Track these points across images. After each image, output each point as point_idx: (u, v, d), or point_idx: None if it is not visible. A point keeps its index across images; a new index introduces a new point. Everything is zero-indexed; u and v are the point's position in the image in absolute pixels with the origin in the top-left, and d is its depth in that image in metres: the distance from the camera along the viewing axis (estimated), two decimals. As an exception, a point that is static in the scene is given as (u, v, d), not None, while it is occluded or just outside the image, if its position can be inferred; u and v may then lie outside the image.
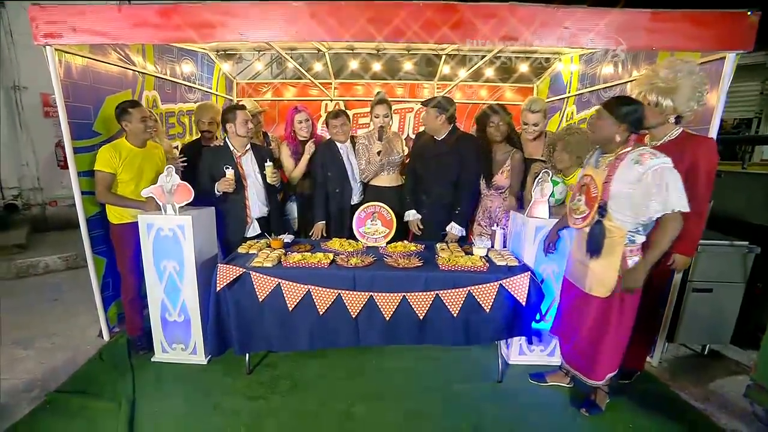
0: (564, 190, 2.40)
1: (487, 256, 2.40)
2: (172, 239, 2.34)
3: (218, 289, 2.15)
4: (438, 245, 2.56)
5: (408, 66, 4.37)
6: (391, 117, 2.97)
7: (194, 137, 3.64)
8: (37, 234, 5.22)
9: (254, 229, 2.78)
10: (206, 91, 4.13)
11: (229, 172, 2.56)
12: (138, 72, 3.07)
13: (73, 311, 3.20)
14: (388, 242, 2.62)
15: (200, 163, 2.71)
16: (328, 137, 2.99)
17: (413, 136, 3.51)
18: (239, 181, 2.67)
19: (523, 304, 2.12)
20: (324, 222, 2.92)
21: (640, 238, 1.80)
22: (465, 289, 2.12)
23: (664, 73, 1.98)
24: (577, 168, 2.43)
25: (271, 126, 4.48)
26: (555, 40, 2.15)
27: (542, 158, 2.61)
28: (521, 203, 2.63)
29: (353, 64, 4.36)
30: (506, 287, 2.13)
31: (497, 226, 2.67)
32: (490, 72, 4.49)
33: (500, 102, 4.05)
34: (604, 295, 1.86)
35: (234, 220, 2.73)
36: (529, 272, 2.15)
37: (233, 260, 2.33)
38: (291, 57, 4.19)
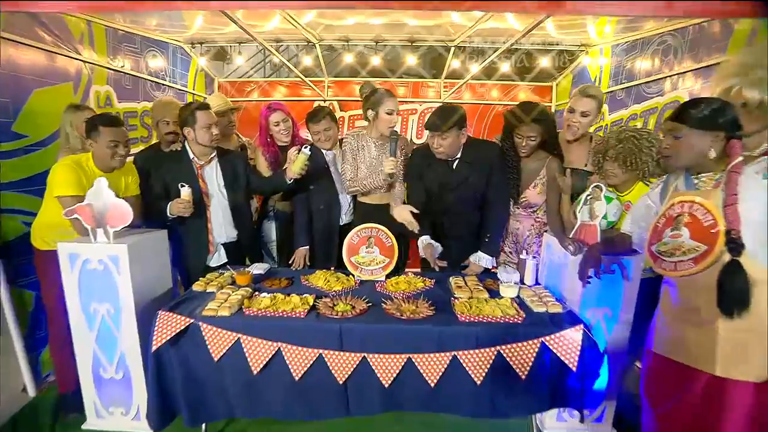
0: (619, 210, 1.83)
1: (518, 297, 1.83)
2: (102, 274, 1.78)
3: (154, 348, 1.58)
4: (452, 280, 1.98)
5: (411, 60, 3.81)
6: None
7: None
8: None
9: (219, 257, 2.21)
10: (179, 89, 3.59)
11: (185, 191, 2.00)
12: (83, 61, 2.52)
13: (5, 350, 2.61)
14: (388, 275, 2.05)
15: (152, 175, 2.16)
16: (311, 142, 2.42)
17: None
18: (200, 200, 2.11)
19: (574, 369, 1.54)
20: (307, 248, 2.33)
21: None
22: (493, 348, 1.54)
23: None
24: (636, 182, 1.87)
25: (255, 132, 3.91)
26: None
27: (587, 169, 2.04)
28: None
29: (348, 58, 3.80)
30: (550, 346, 1.55)
31: (527, 253, 2.09)
32: (506, 67, 3.95)
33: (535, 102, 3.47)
34: (761, 379, 1.21)
35: (193, 246, 2.17)
36: (582, 325, 1.58)
37: (185, 302, 1.76)
38: (278, 50, 3.66)
